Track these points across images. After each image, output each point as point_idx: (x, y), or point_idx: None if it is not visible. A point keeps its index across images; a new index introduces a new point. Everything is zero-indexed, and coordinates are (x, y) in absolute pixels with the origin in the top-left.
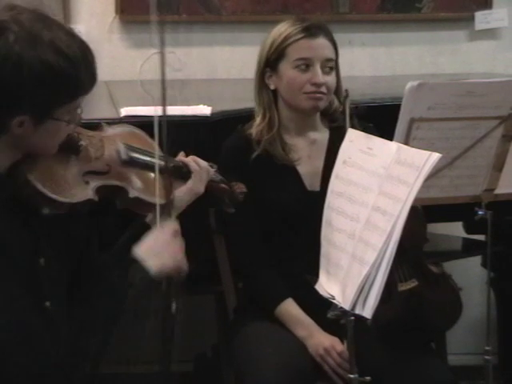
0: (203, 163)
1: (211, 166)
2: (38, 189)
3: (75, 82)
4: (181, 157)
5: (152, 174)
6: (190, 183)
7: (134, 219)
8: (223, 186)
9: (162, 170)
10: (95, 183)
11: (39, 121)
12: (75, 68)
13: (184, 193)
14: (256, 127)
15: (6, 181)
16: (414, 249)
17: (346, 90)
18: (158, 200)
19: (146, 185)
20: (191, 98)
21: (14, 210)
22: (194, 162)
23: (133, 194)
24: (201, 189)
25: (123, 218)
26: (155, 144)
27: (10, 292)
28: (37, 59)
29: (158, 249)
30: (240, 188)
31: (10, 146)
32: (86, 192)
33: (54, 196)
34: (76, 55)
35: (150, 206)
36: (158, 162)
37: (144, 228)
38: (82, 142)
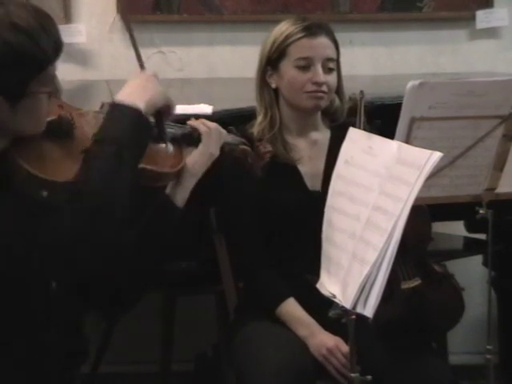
0: (213, 124)
1: (229, 130)
2: (32, 172)
3: (38, 53)
4: (190, 122)
5: (155, 144)
6: (201, 146)
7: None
8: (244, 147)
9: (171, 138)
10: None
11: (14, 100)
12: (34, 39)
13: (197, 157)
14: (257, 126)
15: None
16: (418, 247)
17: (362, 91)
18: None
19: (151, 155)
20: (192, 97)
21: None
22: (202, 123)
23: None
24: (214, 150)
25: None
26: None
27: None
28: None
29: (140, 88)
30: (265, 148)
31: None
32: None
33: (47, 177)
34: (32, 26)
35: (163, 176)
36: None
37: (166, 200)
38: (75, 122)
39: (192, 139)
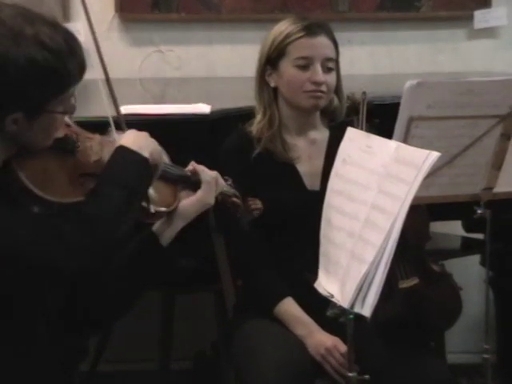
0: (214, 173)
1: (225, 180)
2: (27, 186)
3: (63, 74)
4: (192, 165)
5: (157, 183)
6: (199, 193)
7: (140, 228)
8: (236, 200)
9: (166, 177)
10: (90, 185)
11: (33, 116)
12: (61, 60)
13: (193, 202)
14: (256, 125)
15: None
16: (417, 247)
17: (364, 92)
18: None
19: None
20: (191, 96)
21: (12, 210)
22: (203, 171)
23: None
24: (211, 199)
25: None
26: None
27: None
28: (22, 56)
29: (144, 139)
30: (255, 204)
31: (5, 143)
32: (78, 193)
33: (41, 194)
34: (61, 47)
35: (156, 215)
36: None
37: (151, 237)
38: (80, 144)
39: (190, 183)
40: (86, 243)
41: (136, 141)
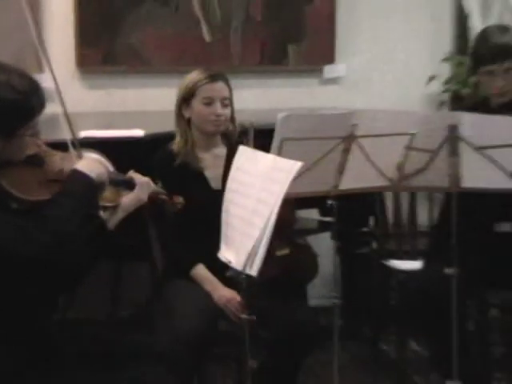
0: (145, 178)
1: (156, 183)
2: (7, 189)
3: (29, 109)
4: (129, 173)
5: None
6: (134, 192)
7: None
8: (163, 197)
9: (111, 182)
10: (55, 188)
11: (7, 139)
12: (28, 99)
13: (131, 199)
14: (176, 144)
15: None
16: (287, 227)
17: (252, 122)
18: None
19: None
20: (130, 124)
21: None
22: (138, 177)
23: None
24: (144, 197)
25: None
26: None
27: None
28: None
29: (91, 166)
30: (177, 199)
31: None
32: (45, 194)
33: (18, 195)
34: (27, 89)
35: (105, 208)
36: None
37: (102, 224)
38: (46, 158)
39: (128, 186)
40: (40, 236)
41: (87, 165)
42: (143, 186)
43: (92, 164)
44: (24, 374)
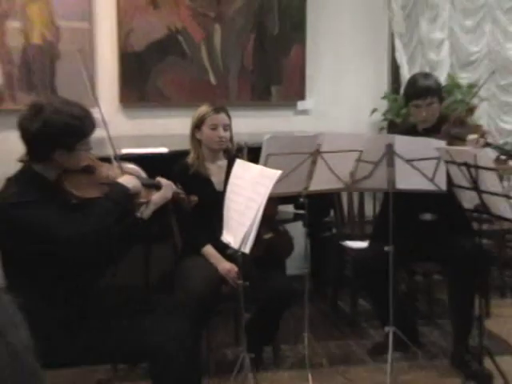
0: (169, 181)
1: (177, 186)
2: (68, 189)
3: (84, 129)
4: (157, 178)
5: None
6: (161, 191)
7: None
8: (182, 195)
9: (144, 185)
10: (102, 189)
11: (69, 152)
12: (83, 122)
13: (159, 197)
14: (190, 158)
15: (53, 184)
16: (271, 218)
17: (246, 142)
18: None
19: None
20: (158, 144)
21: (63, 202)
22: (163, 180)
23: None
24: (168, 195)
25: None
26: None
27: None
28: (61, 122)
29: (129, 180)
30: (193, 198)
31: (56, 167)
32: (96, 193)
33: (76, 193)
34: (82, 116)
35: (141, 203)
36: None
37: (136, 217)
38: (96, 168)
39: (157, 187)
40: (80, 225)
41: (125, 180)
42: (167, 187)
43: (130, 179)
44: (81, 322)
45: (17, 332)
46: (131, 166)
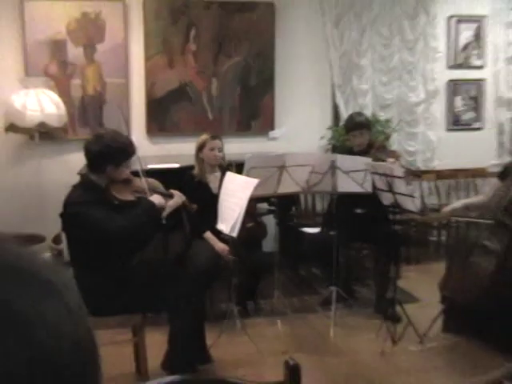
0: (179, 193)
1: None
2: (113, 194)
3: (129, 153)
4: (171, 190)
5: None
6: (174, 199)
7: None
8: (187, 203)
9: (162, 194)
10: (135, 194)
11: (116, 167)
12: (128, 148)
13: (172, 203)
14: (195, 170)
15: (104, 189)
16: (252, 212)
17: (232, 162)
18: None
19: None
20: (171, 160)
21: (109, 203)
22: (175, 191)
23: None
24: (179, 202)
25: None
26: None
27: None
28: (115, 147)
29: (156, 198)
30: (194, 206)
31: (106, 177)
32: (131, 197)
33: (118, 196)
34: (128, 144)
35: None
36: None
37: (160, 219)
38: (132, 180)
39: (171, 196)
40: (120, 223)
41: (154, 197)
42: (178, 196)
43: (157, 198)
44: (120, 289)
45: (71, 293)
46: (152, 180)
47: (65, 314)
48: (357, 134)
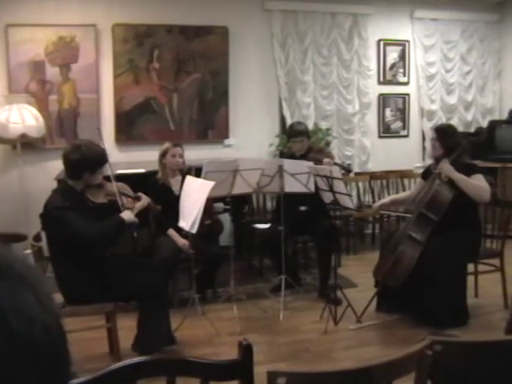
0: (145, 196)
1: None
2: (88, 197)
3: (103, 161)
4: (139, 193)
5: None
6: (141, 201)
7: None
8: (152, 204)
9: (131, 197)
10: (107, 198)
11: (92, 174)
12: (103, 157)
13: (139, 204)
14: (159, 175)
15: (80, 193)
16: (210, 210)
17: (192, 166)
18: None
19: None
20: (139, 166)
21: (84, 205)
22: (142, 194)
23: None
24: (145, 204)
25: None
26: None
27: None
28: (91, 155)
29: (126, 214)
30: (158, 207)
31: (82, 183)
32: (104, 200)
33: (92, 199)
34: (102, 153)
35: (129, 210)
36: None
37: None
38: (104, 184)
39: (138, 198)
40: (92, 230)
41: (124, 214)
42: (144, 199)
43: (126, 214)
44: (93, 281)
45: (41, 285)
46: (122, 184)
47: (35, 303)
48: (297, 141)
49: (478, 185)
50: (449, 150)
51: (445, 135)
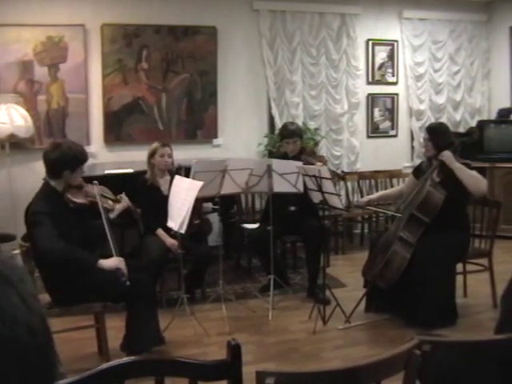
0: (126, 198)
1: (130, 200)
2: (69, 197)
3: (83, 160)
4: (121, 194)
5: (112, 203)
6: (121, 203)
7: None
8: (131, 206)
9: (112, 200)
10: (88, 198)
11: (72, 172)
12: (83, 155)
13: (120, 205)
14: (147, 175)
15: (61, 194)
16: (198, 210)
17: (181, 165)
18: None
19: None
20: (126, 166)
21: (65, 206)
22: (123, 196)
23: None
24: (125, 206)
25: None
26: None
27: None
28: (71, 154)
29: (111, 261)
30: (138, 209)
31: (63, 182)
32: (84, 200)
33: (73, 199)
34: (82, 152)
35: (110, 210)
36: (97, 192)
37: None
38: (84, 185)
39: (118, 201)
40: (59, 246)
41: (106, 262)
42: (124, 201)
43: (111, 262)
44: (79, 283)
45: (25, 285)
46: (102, 187)
47: (19, 303)
48: (290, 142)
49: (476, 175)
50: (442, 149)
51: (437, 135)
